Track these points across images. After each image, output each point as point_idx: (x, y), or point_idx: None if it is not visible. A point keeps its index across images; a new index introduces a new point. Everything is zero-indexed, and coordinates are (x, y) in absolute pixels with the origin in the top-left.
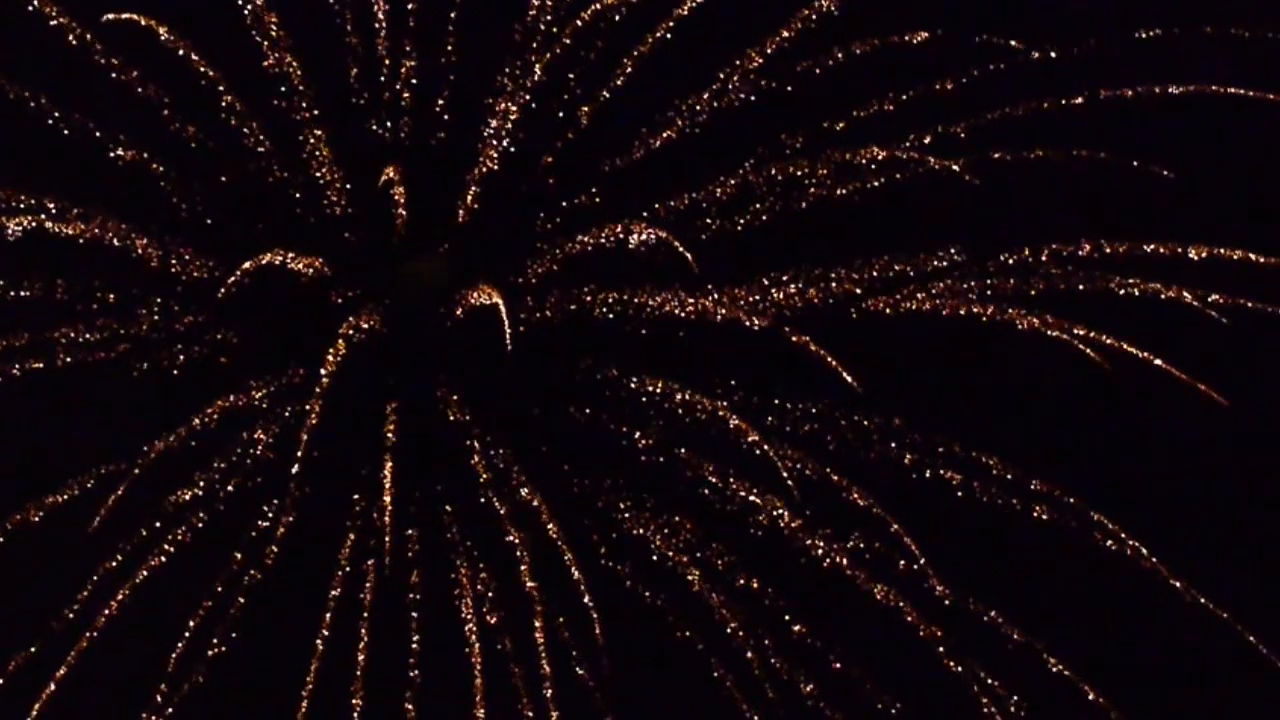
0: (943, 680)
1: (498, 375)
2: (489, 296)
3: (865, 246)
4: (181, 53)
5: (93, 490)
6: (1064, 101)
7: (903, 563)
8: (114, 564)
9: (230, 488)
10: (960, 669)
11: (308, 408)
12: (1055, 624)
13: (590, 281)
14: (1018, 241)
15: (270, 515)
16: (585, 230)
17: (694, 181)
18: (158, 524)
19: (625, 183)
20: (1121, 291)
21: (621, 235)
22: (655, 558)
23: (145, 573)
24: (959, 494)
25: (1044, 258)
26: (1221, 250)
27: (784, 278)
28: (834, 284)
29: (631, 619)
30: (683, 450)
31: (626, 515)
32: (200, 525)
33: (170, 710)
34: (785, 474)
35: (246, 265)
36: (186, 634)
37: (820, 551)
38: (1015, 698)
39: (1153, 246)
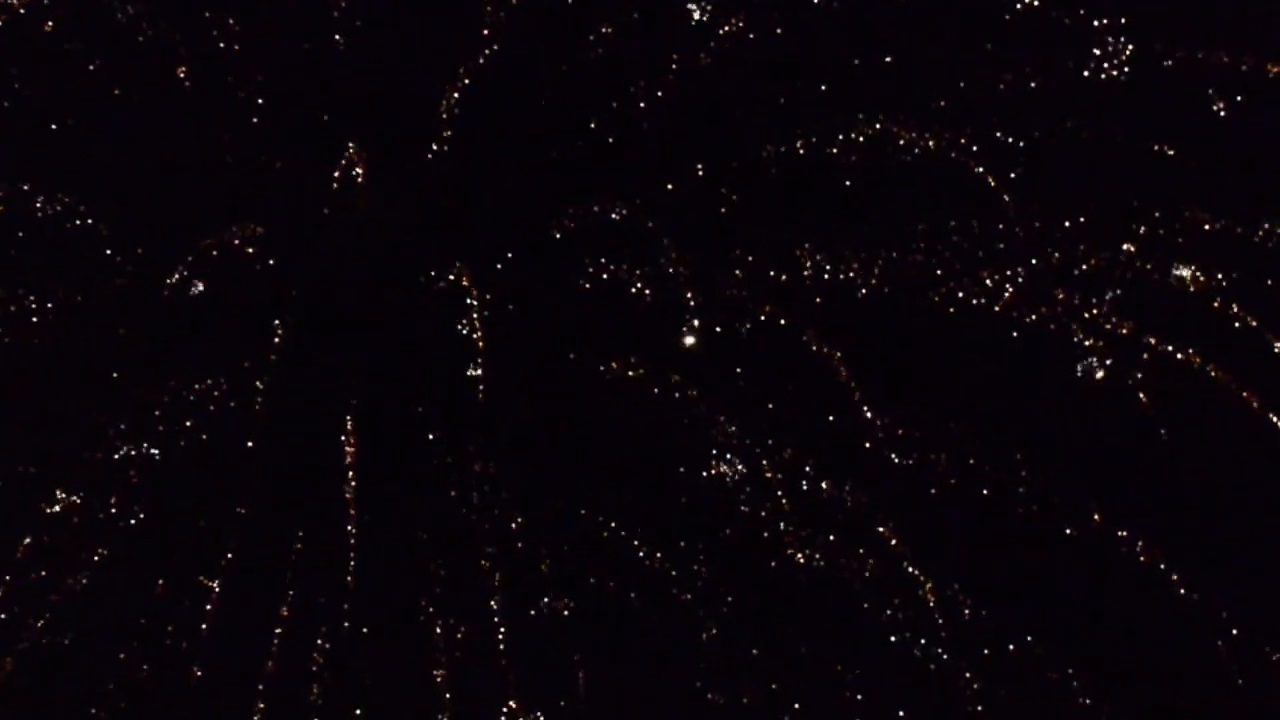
0: (930, 679)
1: (467, 360)
2: (461, 279)
3: (858, 228)
4: (126, 21)
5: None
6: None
7: (860, 550)
8: (57, 558)
9: (182, 480)
10: (947, 669)
11: (259, 386)
12: (1051, 623)
13: (567, 263)
14: (1019, 224)
15: (224, 509)
16: (561, 209)
17: (677, 159)
18: (102, 516)
19: (600, 160)
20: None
21: (600, 215)
22: (623, 549)
23: (91, 569)
24: (941, 488)
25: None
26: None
27: (776, 259)
28: (824, 268)
29: (606, 617)
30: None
31: (599, 510)
32: (152, 516)
33: (121, 705)
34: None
35: (201, 245)
36: (138, 630)
37: (793, 549)
38: (1003, 690)
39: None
